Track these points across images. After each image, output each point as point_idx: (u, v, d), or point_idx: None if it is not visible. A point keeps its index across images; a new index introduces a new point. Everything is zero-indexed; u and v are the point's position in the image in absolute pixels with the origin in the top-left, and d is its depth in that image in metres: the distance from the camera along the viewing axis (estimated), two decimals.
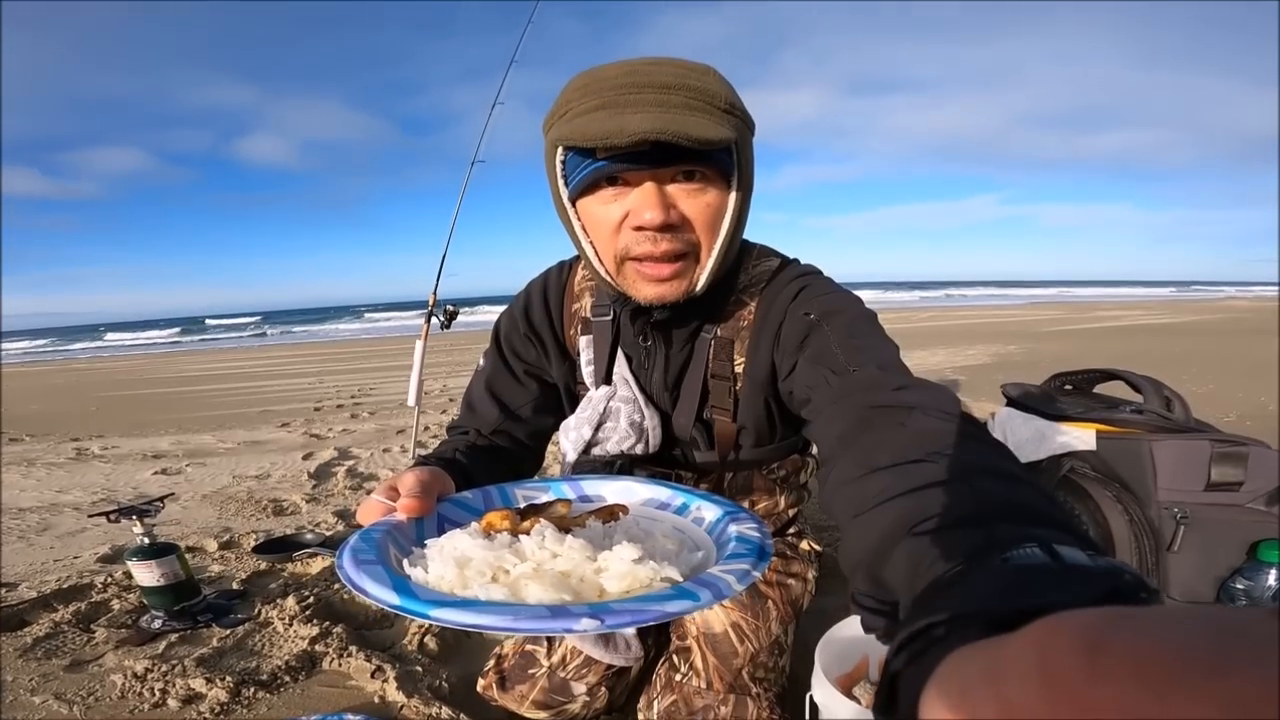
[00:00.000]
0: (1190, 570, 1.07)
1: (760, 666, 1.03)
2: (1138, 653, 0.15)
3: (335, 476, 3.09)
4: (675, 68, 0.74)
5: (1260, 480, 1.04)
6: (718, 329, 0.89)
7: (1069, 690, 0.15)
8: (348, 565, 0.52)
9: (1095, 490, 1.10)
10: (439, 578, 0.50)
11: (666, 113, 0.70)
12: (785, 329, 0.83)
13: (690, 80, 0.73)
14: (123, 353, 15.12)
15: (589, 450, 0.93)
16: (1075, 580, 0.27)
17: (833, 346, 0.74)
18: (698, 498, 0.67)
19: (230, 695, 1.29)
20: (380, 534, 0.58)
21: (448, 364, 7.86)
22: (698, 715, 0.99)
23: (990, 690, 0.18)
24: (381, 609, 1.63)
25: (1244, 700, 0.13)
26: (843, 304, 0.81)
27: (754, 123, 0.80)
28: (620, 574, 0.48)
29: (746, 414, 0.91)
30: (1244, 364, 5.22)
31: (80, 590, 1.80)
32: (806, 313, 0.81)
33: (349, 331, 19.68)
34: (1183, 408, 1.14)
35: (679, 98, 0.72)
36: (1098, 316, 12.29)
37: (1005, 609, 0.26)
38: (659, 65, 0.74)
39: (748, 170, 0.79)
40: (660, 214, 0.74)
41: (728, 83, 0.77)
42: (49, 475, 3.32)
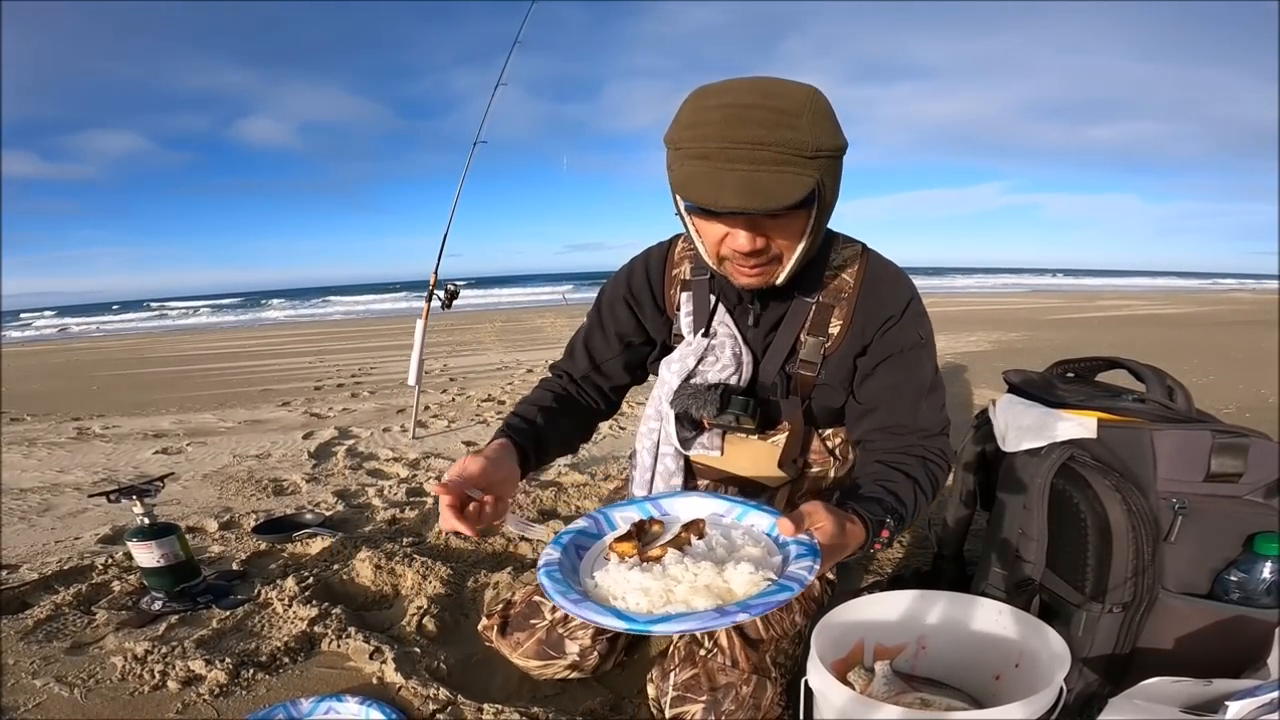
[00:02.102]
0: (1186, 561, 1.07)
1: (781, 653, 1.10)
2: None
3: (335, 456, 3.09)
4: (771, 113, 0.83)
5: (1259, 472, 1.04)
6: (819, 295, 1.07)
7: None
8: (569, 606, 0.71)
9: (1094, 479, 1.09)
10: (636, 604, 0.73)
11: (757, 177, 0.83)
12: (895, 331, 1.05)
13: (781, 134, 0.83)
14: (124, 332, 15.12)
15: (689, 379, 1.11)
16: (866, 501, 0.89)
17: (910, 387, 1.06)
18: (750, 509, 0.92)
19: (230, 677, 1.30)
20: (559, 573, 0.78)
21: (448, 344, 7.86)
22: (720, 691, 1.03)
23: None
24: (382, 590, 1.64)
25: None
26: (930, 339, 1.08)
27: (845, 144, 0.91)
28: (742, 582, 0.74)
29: (832, 371, 1.09)
30: (1244, 356, 5.21)
31: (81, 572, 1.81)
32: (920, 336, 1.06)
33: (350, 311, 19.65)
34: (1185, 398, 1.14)
35: (769, 154, 0.83)
36: (1099, 306, 12.25)
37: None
38: (757, 109, 0.83)
39: (830, 192, 0.92)
40: (749, 245, 0.91)
41: (823, 113, 0.87)
42: (50, 455, 3.33)
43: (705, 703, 1.03)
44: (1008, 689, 1.06)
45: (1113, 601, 1.04)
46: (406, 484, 2.60)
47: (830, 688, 0.92)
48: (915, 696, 1.09)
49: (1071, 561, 1.11)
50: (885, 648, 1.16)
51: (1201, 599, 1.03)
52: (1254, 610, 0.99)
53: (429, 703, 1.22)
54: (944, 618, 1.14)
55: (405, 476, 2.74)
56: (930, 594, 1.14)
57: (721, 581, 0.75)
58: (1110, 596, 1.04)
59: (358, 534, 2.06)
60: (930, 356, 1.07)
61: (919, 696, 1.09)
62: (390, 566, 1.74)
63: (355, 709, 1.19)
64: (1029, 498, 1.16)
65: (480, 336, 8.88)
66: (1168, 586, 1.05)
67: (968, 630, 1.12)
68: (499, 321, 11.41)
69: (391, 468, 2.91)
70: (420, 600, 1.58)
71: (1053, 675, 0.91)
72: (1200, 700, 0.85)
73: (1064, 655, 0.94)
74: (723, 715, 1.02)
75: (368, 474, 2.83)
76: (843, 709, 0.91)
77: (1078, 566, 1.09)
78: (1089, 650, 1.07)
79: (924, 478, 1.03)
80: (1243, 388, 3.97)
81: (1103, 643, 1.07)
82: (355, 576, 1.73)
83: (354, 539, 1.99)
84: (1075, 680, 1.08)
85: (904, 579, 1.57)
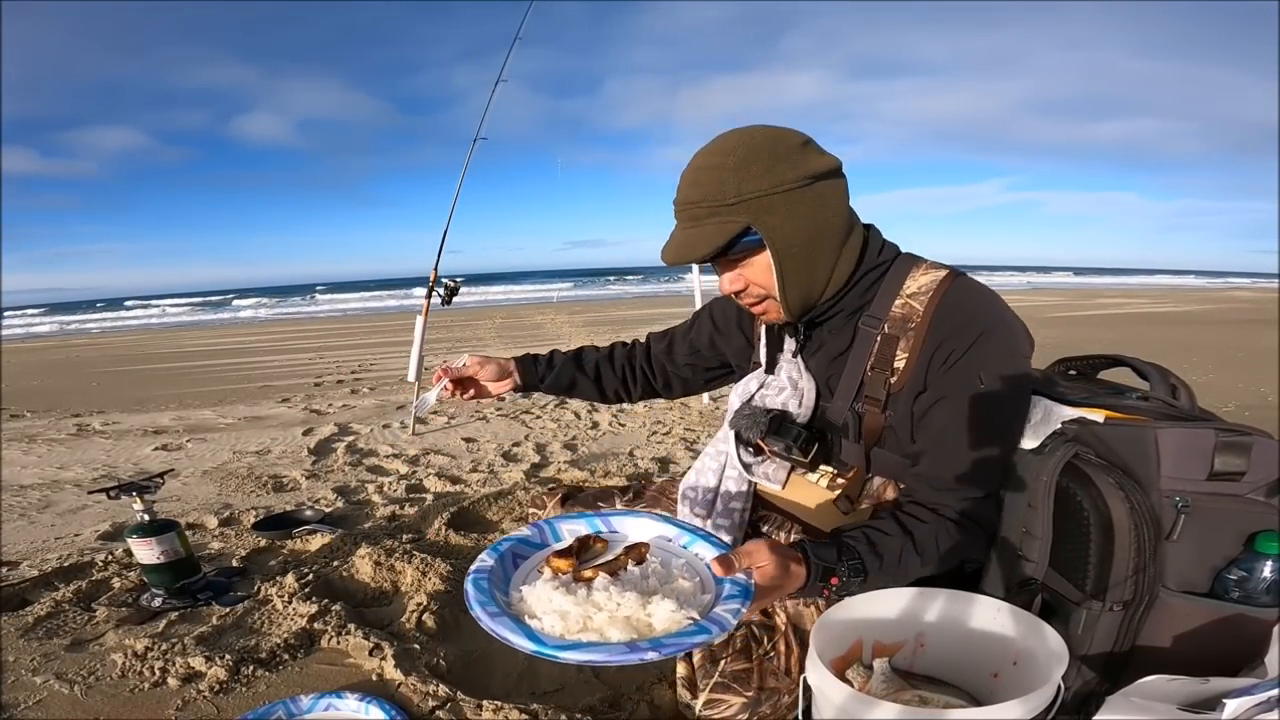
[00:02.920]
0: (1187, 559, 1.06)
1: None
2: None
3: (335, 453, 3.10)
4: (706, 172, 0.93)
5: (1261, 471, 1.03)
6: (885, 326, 1.00)
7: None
8: (485, 618, 0.70)
9: (1098, 476, 1.09)
10: (551, 627, 0.71)
11: (686, 234, 0.95)
12: (955, 370, 0.96)
13: (706, 191, 0.92)
14: (124, 328, 15.11)
15: (749, 401, 1.13)
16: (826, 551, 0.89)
17: (957, 435, 0.98)
18: (698, 538, 0.90)
19: (229, 673, 1.30)
20: (486, 583, 0.76)
21: (448, 340, 7.86)
22: (765, 692, 1.04)
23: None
24: (381, 587, 1.63)
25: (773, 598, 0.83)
26: (1000, 387, 0.97)
27: (784, 180, 0.92)
28: (663, 619, 0.73)
29: (899, 411, 1.01)
30: (1244, 354, 5.21)
31: (81, 569, 1.82)
32: (981, 379, 0.96)
33: (350, 307, 19.63)
34: (1188, 396, 1.13)
35: (698, 210, 0.93)
36: (1099, 304, 12.24)
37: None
38: (701, 171, 0.94)
39: (778, 227, 0.93)
40: (727, 287, 1.00)
41: (751, 157, 0.91)
42: (50, 452, 3.33)
43: (748, 700, 1.03)
44: (1006, 687, 1.06)
45: (1113, 599, 1.04)
46: (406, 480, 2.60)
47: (829, 685, 0.92)
48: (913, 694, 1.09)
49: (1073, 559, 1.11)
50: (884, 645, 1.16)
51: (1201, 597, 1.03)
52: (1253, 609, 0.99)
53: (428, 699, 1.22)
54: (942, 615, 1.14)
55: (405, 473, 2.74)
56: (929, 591, 1.14)
57: (643, 615, 0.73)
58: (1111, 594, 1.04)
59: (357, 530, 2.06)
60: (994, 408, 0.96)
61: (917, 694, 1.09)
62: (390, 563, 1.74)
63: (355, 705, 1.19)
64: (1033, 496, 1.16)
65: (480, 333, 8.88)
66: (1168, 585, 1.05)
67: (966, 628, 1.12)
68: (499, 318, 11.41)
69: (391, 464, 2.91)
70: (420, 597, 1.58)
71: (1050, 673, 0.91)
72: (1197, 698, 0.85)
73: (1062, 653, 0.94)
74: (757, 718, 1.02)
75: (367, 470, 2.83)
76: (841, 706, 0.91)
77: (1079, 564, 1.09)
78: (1088, 648, 1.07)
79: (928, 538, 0.97)
80: (1242, 386, 3.97)
81: (1102, 641, 1.06)
82: (355, 573, 1.73)
83: (354, 535, 2.00)
84: (1073, 678, 1.08)
85: None
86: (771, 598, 0.86)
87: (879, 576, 0.95)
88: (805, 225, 0.94)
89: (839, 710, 0.92)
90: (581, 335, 7.95)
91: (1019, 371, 0.98)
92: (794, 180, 0.92)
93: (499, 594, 0.76)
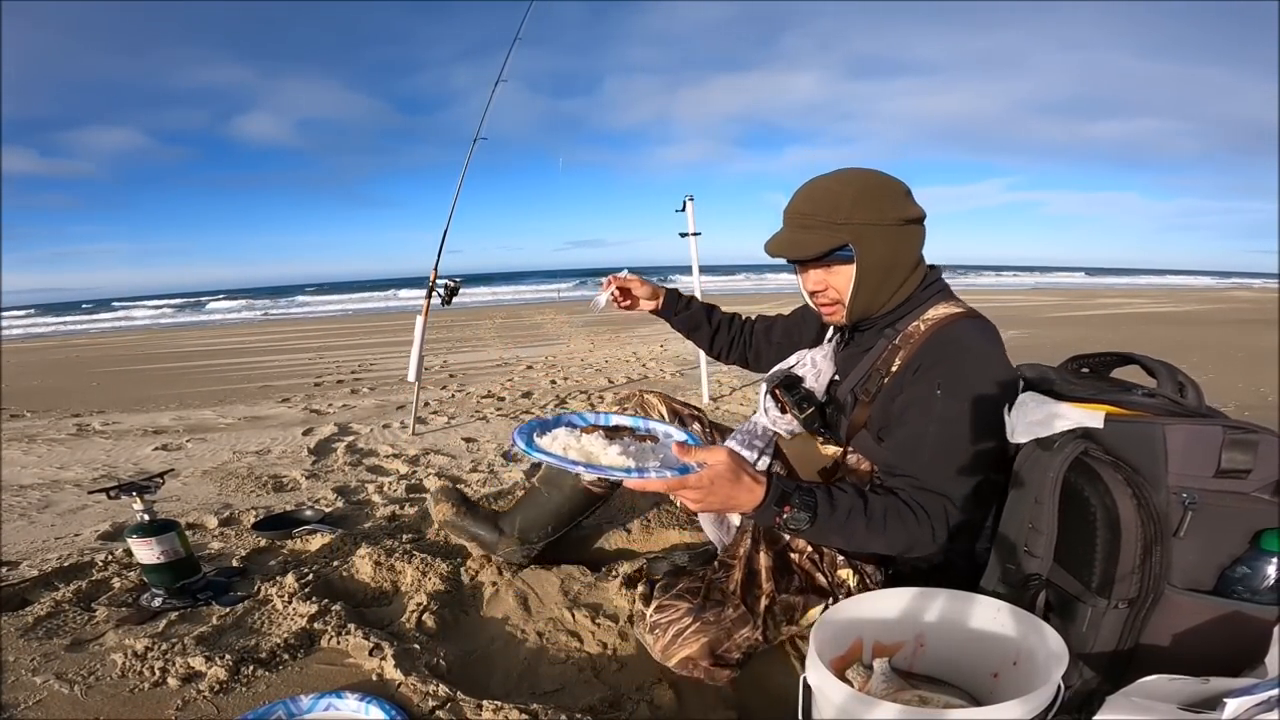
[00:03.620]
0: (1194, 556, 1.06)
1: (774, 614, 1.26)
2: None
3: (335, 452, 3.10)
4: (824, 193, 1.18)
5: (1267, 469, 1.03)
6: (897, 337, 1.22)
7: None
8: (520, 440, 1.06)
9: (1106, 472, 1.09)
10: (548, 446, 1.07)
11: (795, 235, 1.20)
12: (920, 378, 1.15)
13: (822, 206, 1.17)
14: (124, 328, 15.11)
15: (787, 368, 1.39)
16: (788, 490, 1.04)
17: (916, 435, 1.13)
18: (691, 439, 1.15)
19: (229, 673, 1.30)
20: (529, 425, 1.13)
21: (448, 340, 7.86)
22: (710, 603, 1.24)
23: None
24: (381, 587, 1.64)
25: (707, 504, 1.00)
26: (952, 400, 1.12)
27: (890, 218, 1.17)
28: (609, 459, 1.02)
29: (879, 407, 1.21)
30: (1244, 354, 5.21)
31: (81, 568, 1.81)
32: (938, 388, 1.13)
33: (350, 307, 19.63)
34: (1195, 393, 1.13)
35: (810, 221, 1.18)
36: (1100, 304, 12.24)
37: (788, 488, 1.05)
38: (817, 190, 1.19)
39: (869, 252, 1.17)
40: (810, 286, 1.26)
41: (869, 194, 1.16)
42: (50, 451, 3.33)
43: (692, 606, 1.23)
44: (1006, 687, 1.06)
45: (1119, 596, 1.04)
46: (406, 480, 2.60)
47: (829, 685, 0.92)
48: (913, 694, 1.09)
49: (1079, 556, 1.11)
50: (884, 645, 1.16)
51: (1207, 595, 1.03)
52: (1256, 607, 0.99)
53: (428, 699, 1.22)
54: (942, 615, 1.14)
55: (405, 473, 2.74)
56: (929, 591, 1.14)
57: (600, 454, 1.03)
58: (1117, 591, 1.04)
59: (357, 530, 2.06)
60: (945, 417, 1.11)
61: (917, 694, 1.09)
62: (390, 563, 1.74)
63: (355, 705, 1.19)
64: (1040, 491, 1.16)
65: (480, 333, 8.88)
66: (1173, 582, 1.05)
67: (966, 628, 1.12)
68: (499, 318, 11.41)
69: (391, 464, 2.91)
70: (420, 597, 1.58)
71: (1050, 673, 0.91)
72: (1198, 698, 0.85)
73: (1062, 653, 0.94)
74: (701, 620, 1.20)
75: (367, 470, 2.83)
76: (841, 706, 0.91)
77: (1085, 560, 1.09)
78: (1092, 646, 1.07)
79: (878, 506, 1.08)
80: (1242, 386, 3.97)
81: (1107, 638, 1.06)
82: (355, 573, 1.73)
83: (354, 535, 1.99)
84: (1074, 677, 1.08)
85: (904, 576, 1.57)
86: (721, 500, 1.00)
87: (827, 524, 1.05)
88: (887, 255, 1.18)
89: (839, 710, 0.91)
90: (581, 335, 7.94)
91: (975, 393, 1.12)
92: (891, 220, 1.17)
93: (536, 434, 1.10)
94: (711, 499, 0.99)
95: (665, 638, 1.21)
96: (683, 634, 1.20)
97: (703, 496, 0.98)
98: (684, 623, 1.20)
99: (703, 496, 0.98)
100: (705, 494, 0.98)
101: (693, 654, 1.19)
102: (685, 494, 0.98)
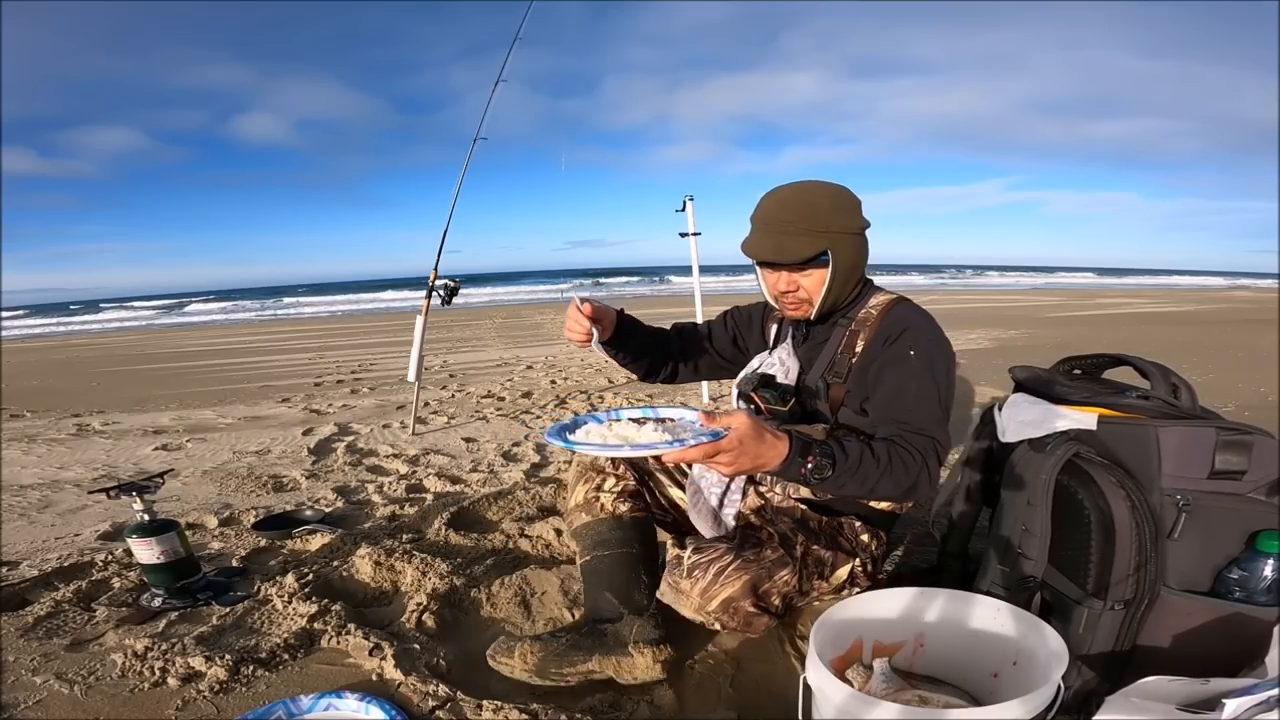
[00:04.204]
0: (1189, 558, 1.06)
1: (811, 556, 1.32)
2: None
3: (335, 453, 3.10)
4: (802, 202, 1.29)
5: (1262, 470, 1.04)
6: (853, 324, 1.37)
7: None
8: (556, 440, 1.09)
9: (1099, 475, 1.09)
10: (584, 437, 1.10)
11: (782, 240, 1.29)
12: (892, 347, 1.29)
13: (803, 213, 1.28)
14: (124, 328, 15.11)
15: (755, 370, 1.47)
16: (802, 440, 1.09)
17: (898, 388, 1.25)
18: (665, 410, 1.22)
19: (229, 673, 1.30)
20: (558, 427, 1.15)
21: (448, 340, 7.86)
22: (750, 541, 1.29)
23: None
24: (381, 586, 1.64)
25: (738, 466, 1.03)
26: (924, 356, 1.27)
27: (860, 226, 1.34)
28: (645, 437, 1.05)
29: (854, 382, 1.33)
30: (1244, 354, 5.21)
31: (81, 568, 1.81)
32: (911, 351, 1.27)
33: (350, 307, 19.62)
34: (1189, 395, 1.13)
35: (794, 227, 1.28)
36: (1100, 304, 12.24)
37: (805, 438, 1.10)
38: (794, 198, 1.31)
39: (843, 257, 1.31)
40: (785, 286, 1.35)
41: (843, 204, 1.31)
42: (50, 452, 3.33)
43: (731, 545, 1.26)
44: (1006, 687, 1.06)
45: (1114, 598, 1.04)
46: (406, 480, 2.60)
47: (829, 685, 0.92)
48: (913, 694, 1.09)
49: (1074, 558, 1.11)
50: (884, 645, 1.16)
51: (1203, 596, 1.03)
52: (1254, 608, 0.99)
53: (428, 699, 1.22)
54: (942, 615, 1.14)
55: (405, 473, 2.74)
56: (929, 591, 1.14)
57: (636, 435, 1.07)
58: (1112, 593, 1.04)
59: (357, 530, 2.06)
60: (920, 372, 1.25)
61: (917, 694, 1.09)
62: (390, 563, 1.74)
63: (355, 705, 1.19)
64: (1033, 493, 1.16)
65: (480, 333, 8.88)
66: (1170, 583, 1.05)
67: (966, 628, 1.12)
68: (499, 318, 11.41)
69: (391, 464, 2.91)
70: (420, 597, 1.58)
71: (1050, 673, 0.91)
72: (1197, 698, 0.85)
73: (1062, 653, 0.94)
74: (742, 558, 1.23)
75: (367, 470, 2.83)
76: (841, 706, 0.91)
77: (1080, 563, 1.09)
78: (1089, 647, 1.07)
79: (883, 450, 1.14)
80: (1242, 386, 3.97)
81: (1103, 640, 1.06)
82: (355, 573, 1.73)
83: (354, 535, 2.00)
84: (1073, 678, 1.08)
85: (903, 576, 1.57)
86: (751, 459, 1.04)
87: (843, 468, 1.11)
88: (854, 259, 1.33)
89: (839, 710, 0.92)
90: None
91: (938, 350, 1.29)
92: (857, 229, 1.33)
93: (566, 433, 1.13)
94: (743, 459, 1.03)
95: (706, 578, 1.21)
96: (724, 571, 1.21)
97: (735, 458, 1.02)
98: (724, 560, 1.22)
99: (735, 458, 1.02)
100: (737, 454, 1.01)
101: (734, 593, 1.20)
102: (720, 458, 1.02)
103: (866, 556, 1.37)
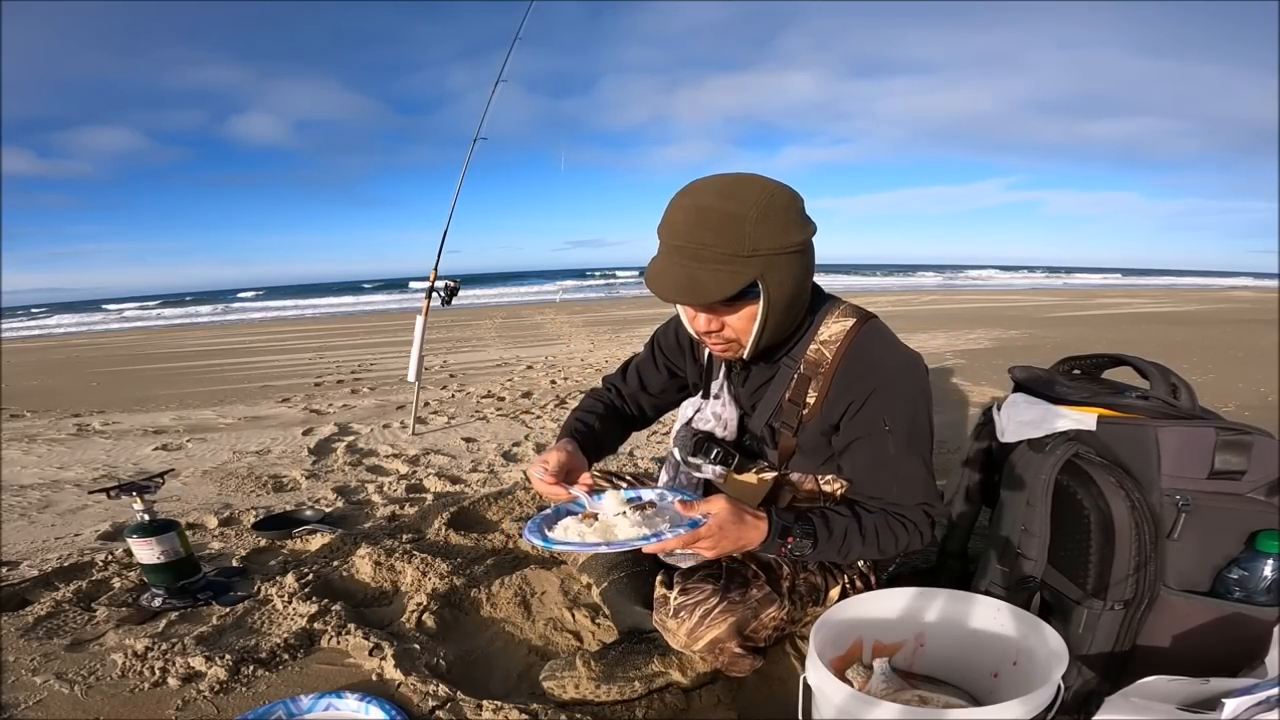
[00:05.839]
0: (1189, 558, 1.06)
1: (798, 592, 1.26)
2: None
3: (335, 453, 3.10)
4: (721, 216, 0.98)
5: (1261, 470, 1.04)
6: (800, 366, 1.15)
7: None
8: (536, 538, 1.05)
9: (1099, 475, 1.09)
10: (562, 535, 1.07)
11: (696, 274, 0.99)
12: (861, 416, 1.11)
13: (724, 235, 0.97)
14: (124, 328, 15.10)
15: (689, 424, 1.32)
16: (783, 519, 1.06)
17: (877, 469, 1.12)
18: (688, 495, 1.15)
19: (229, 673, 1.30)
20: (537, 521, 1.12)
21: (448, 340, 7.86)
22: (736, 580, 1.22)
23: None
24: (381, 586, 1.64)
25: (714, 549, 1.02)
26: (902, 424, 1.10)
27: (796, 241, 1.02)
28: (625, 531, 1.04)
29: (806, 438, 1.19)
30: (1244, 354, 5.21)
31: (81, 568, 1.81)
32: (885, 423, 1.09)
33: (350, 307, 19.61)
34: (1189, 395, 1.13)
35: (711, 253, 0.98)
36: (1100, 304, 12.24)
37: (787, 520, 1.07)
38: (711, 212, 0.98)
39: (777, 285, 1.02)
40: (704, 327, 1.09)
41: (773, 214, 0.99)
42: (50, 452, 3.33)
43: (717, 586, 1.19)
44: (1006, 686, 1.06)
45: (1114, 598, 1.04)
46: (406, 480, 2.60)
47: (829, 685, 0.92)
48: (913, 694, 1.09)
49: (1073, 558, 1.11)
50: (884, 645, 1.16)
51: (1203, 596, 1.03)
52: (1254, 608, 0.99)
53: (428, 699, 1.22)
54: (942, 615, 1.14)
55: (405, 473, 2.74)
56: (928, 591, 1.14)
57: (613, 528, 1.05)
58: (1112, 593, 1.04)
59: (357, 530, 2.06)
60: (900, 446, 1.10)
61: (917, 694, 1.09)
62: (390, 563, 1.74)
63: (355, 705, 1.19)
64: (1032, 494, 1.16)
65: (480, 333, 8.87)
66: (1169, 583, 1.05)
67: (966, 628, 1.12)
68: (499, 318, 11.41)
69: (391, 464, 2.91)
70: (420, 597, 1.58)
71: (1050, 673, 0.91)
72: (1197, 698, 0.85)
73: (1062, 653, 0.94)
74: (727, 600, 1.17)
75: (367, 470, 2.83)
76: (841, 706, 0.91)
77: (1080, 563, 1.09)
78: (1089, 647, 1.07)
79: (870, 523, 1.10)
80: (1242, 386, 3.97)
81: (1103, 640, 1.07)
82: (355, 573, 1.73)
83: (354, 535, 2.00)
84: (1073, 678, 1.08)
85: (903, 576, 1.57)
86: (732, 543, 1.02)
87: (826, 546, 1.08)
88: (793, 285, 1.05)
89: (839, 710, 0.92)
90: (582, 335, 7.95)
91: (915, 407, 1.11)
92: (796, 244, 1.02)
93: (545, 528, 1.10)
94: (723, 543, 1.02)
95: (691, 620, 1.17)
96: (710, 615, 1.16)
97: (715, 543, 1.01)
98: (710, 603, 1.17)
99: (715, 543, 1.01)
100: (717, 540, 1.01)
101: (720, 635, 1.16)
102: (700, 545, 1.01)
103: (854, 574, 1.31)
